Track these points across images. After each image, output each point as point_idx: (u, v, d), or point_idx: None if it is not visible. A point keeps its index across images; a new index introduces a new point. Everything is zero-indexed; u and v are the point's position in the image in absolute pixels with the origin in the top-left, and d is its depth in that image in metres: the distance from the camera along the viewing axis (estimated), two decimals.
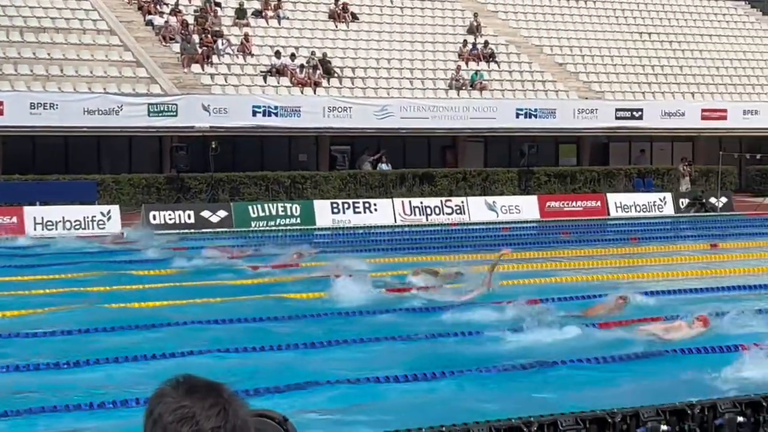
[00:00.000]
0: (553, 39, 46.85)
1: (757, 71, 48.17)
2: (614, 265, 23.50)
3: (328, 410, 11.35)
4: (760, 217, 36.51)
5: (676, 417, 8.20)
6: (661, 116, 42.53)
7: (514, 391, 12.10)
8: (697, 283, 20.26)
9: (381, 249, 26.71)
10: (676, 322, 15.26)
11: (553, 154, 43.17)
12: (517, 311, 16.03)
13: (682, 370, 12.74)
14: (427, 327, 15.74)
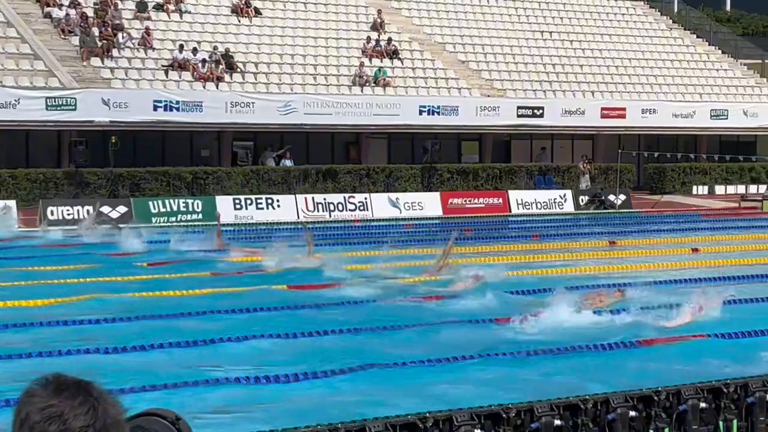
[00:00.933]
0: (456, 37, 47.12)
1: (656, 71, 49.03)
2: (515, 261, 23.69)
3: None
4: (658, 214, 37.21)
5: (569, 412, 8.28)
6: (561, 114, 43.05)
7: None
8: (595, 280, 20.51)
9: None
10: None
11: (455, 151, 43.45)
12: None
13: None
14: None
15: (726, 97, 48.31)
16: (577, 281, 20.11)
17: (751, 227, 32.21)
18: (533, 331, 15.13)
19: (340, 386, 11.99)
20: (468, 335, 14.99)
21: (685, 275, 20.64)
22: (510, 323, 15.78)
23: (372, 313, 16.65)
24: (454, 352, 13.30)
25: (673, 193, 43.56)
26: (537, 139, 44.71)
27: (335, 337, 14.71)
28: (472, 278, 19.29)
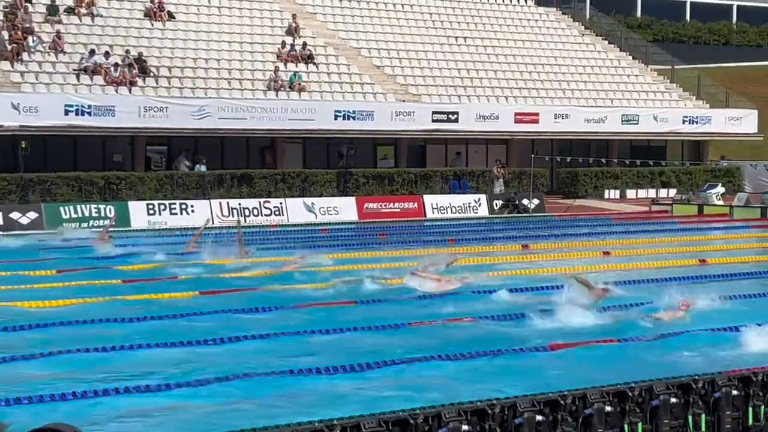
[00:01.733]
0: (371, 42, 47.25)
1: (568, 76, 49.63)
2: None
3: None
4: (571, 218, 37.66)
5: (477, 417, 8.35)
6: (476, 119, 43.38)
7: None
8: (510, 283, 20.65)
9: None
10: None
11: (371, 155, 43.53)
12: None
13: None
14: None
15: (637, 102, 49.08)
16: (491, 285, 20.25)
17: (662, 231, 32.74)
18: (458, 334, 15.21)
19: (235, 393, 11.91)
20: (387, 340, 15.02)
21: (598, 279, 20.85)
22: (431, 326, 15.85)
23: (287, 319, 16.59)
24: (361, 358, 13.30)
25: (585, 197, 44.14)
26: (452, 143, 44.99)
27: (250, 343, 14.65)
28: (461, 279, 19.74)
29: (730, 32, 72.16)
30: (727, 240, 30.60)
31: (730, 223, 36.82)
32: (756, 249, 29.07)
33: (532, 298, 18.56)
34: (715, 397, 9.74)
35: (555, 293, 18.60)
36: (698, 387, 9.73)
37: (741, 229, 34.22)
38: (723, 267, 23.39)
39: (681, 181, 46.53)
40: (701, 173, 47.33)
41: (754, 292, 19.05)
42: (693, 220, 37.28)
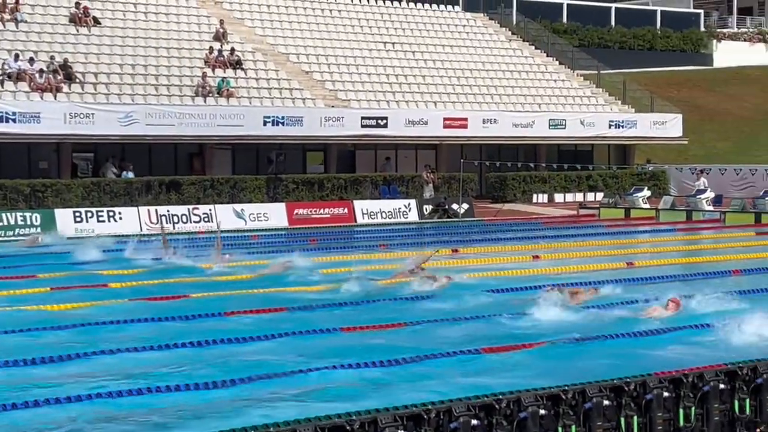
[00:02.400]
0: (299, 47, 47.15)
1: (495, 81, 49.95)
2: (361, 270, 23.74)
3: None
4: (500, 222, 37.88)
5: (413, 422, 8.34)
6: (405, 124, 43.49)
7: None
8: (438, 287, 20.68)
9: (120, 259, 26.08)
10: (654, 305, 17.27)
11: (300, 161, 43.45)
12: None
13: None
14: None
15: (564, 107, 49.54)
16: (423, 291, 20.28)
17: (590, 234, 33.07)
18: (383, 340, 15.22)
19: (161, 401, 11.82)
20: (321, 343, 14.98)
21: (527, 282, 21.01)
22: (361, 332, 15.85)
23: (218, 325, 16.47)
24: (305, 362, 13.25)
25: (514, 201, 44.44)
26: (381, 149, 45.04)
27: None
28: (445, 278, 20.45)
29: (654, 37, 73.07)
30: (654, 243, 30.96)
31: (656, 226, 37.29)
32: (682, 251, 29.47)
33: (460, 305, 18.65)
34: (646, 399, 9.84)
35: (488, 296, 18.74)
36: (630, 389, 9.82)
37: (667, 232, 34.67)
38: (651, 269, 23.66)
39: (608, 185, 47.04)
40: (628, 177, 47.90)
41: (682, 293, 19.26)
42: (620, 224, 37.70)
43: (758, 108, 64.86)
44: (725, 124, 62.46)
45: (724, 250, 28.11)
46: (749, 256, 25.61)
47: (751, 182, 46.03)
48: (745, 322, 15.10)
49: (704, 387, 10.16)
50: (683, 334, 15.65)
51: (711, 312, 17.13)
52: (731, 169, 48.00)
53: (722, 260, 25.36)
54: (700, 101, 63.99)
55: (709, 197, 39.66)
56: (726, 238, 32.34)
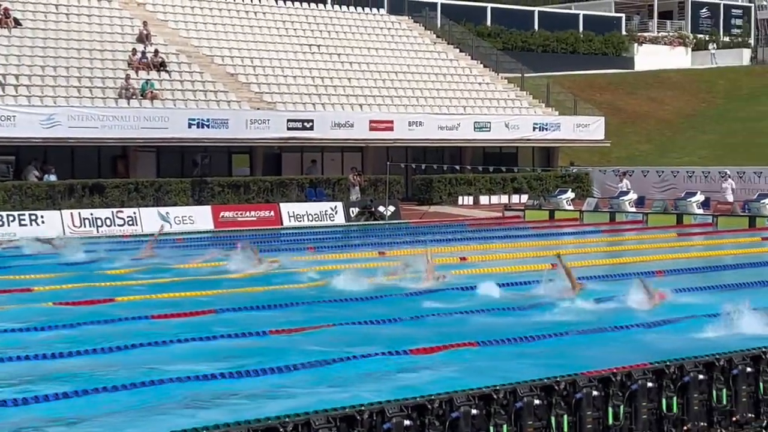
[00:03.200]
0: (224, 49, 46.90)
1: (421, 84, 50.15)
2: (286, 272, 23.68)
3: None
4: (426, 224, 38.01)
5: (346, 423, 8.33)
6: (331, 127, 43.46)
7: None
8: (369, 291, 20.71)
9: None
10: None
11: (226, 164, 43.22)
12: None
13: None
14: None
15: (489, 109, 49.86)
16: (354, 292, 20.31)
17: (515, 236, 33.33)
18: (308, 346, 15.20)
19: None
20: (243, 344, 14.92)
21: (453, 284, 21.10)
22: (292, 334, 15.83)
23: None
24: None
25: (440, 203, 44.63)
26: (307, 151, 44.97)
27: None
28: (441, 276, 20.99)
29: (576, 41, 73.92)
30: (579, 244, 31.29)
31: (580, 227, 37.70)
32: (606, 252, 29.81)
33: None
34: (576, 397, 9.93)
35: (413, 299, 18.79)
36: (560, 388, 9.91)
37: (591, 233, 35.07)
38: (574, 271, 23.85)
39: (532, 187, 47.45)
40: (552, 179, 48.36)
41: (606, 295, 19.54)
42: (545, 225, 38.07)
43: (678, 111, 65.91)
44: (647, 127, 63.37)
45: (646, 251, 28.50)
46: (671, 257, 26.01)
47: (673, 184, 46.75)
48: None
49: (632, 386, 10.28)
50: (614, 334, 15.86)
51: (636, 312, 17.40)
52: (653, 171, 48.70)
53: (645, 261, 25.69)
54: (622, 104, 64.86)
55: (632, 199, 40.20)
56: (648, 239, 32.80)
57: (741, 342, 13.37)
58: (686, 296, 19.16)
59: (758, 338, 14.00)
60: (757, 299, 18.42)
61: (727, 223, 36.31)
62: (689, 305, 18.08)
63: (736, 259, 25.93)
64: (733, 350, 11.30)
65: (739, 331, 15.37)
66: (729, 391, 10.82)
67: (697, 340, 14.94)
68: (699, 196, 38.89)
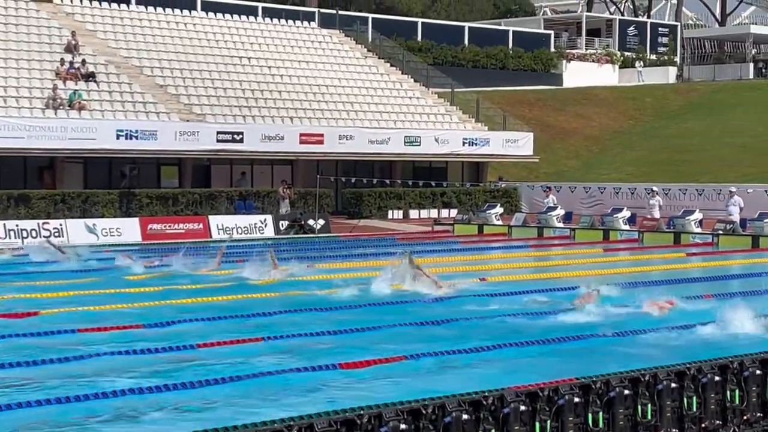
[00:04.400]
0: (153, 60, 46.58)
1: (351, 97, 50.22)
2: (219, 286, 23.57)
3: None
4: (356, 238, 38.03)
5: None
6: (261, 140, 43.34)
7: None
8: (300, 304, 20.68)
9: None
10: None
11: (155, 175, 42.89)
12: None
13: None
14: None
15: (419, 124, 50.09)
16: (280, 306, 20.27)
17: (444, 250, 33.45)
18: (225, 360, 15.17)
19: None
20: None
21: (384, 298, 21.13)
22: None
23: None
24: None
25: (370, 217, 44.69)
26: (237, 164, 44.80)
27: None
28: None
29: (506, 57, 74.56)
30: (507, 259, 31.51)
31: (509, 242, 37.98)
32: (534, 268, 30.05)
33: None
34: (504, 412, 9.99)
35: (345, 313, 18.77)
36: (488, 403, 9.96)
37: (519, 248, 35.34)
38: (502, 285, 24.05)
39: (461, 202, 47.72)
40: (481, 194, 48.67)
41: (535, 310, 19.72)
42: (473, 240, 38.28)
43: (605, 127, 66.74)
44: (574, 143, 64.09)
45: (573, 266, 28.78)
46: (597, 272, 26.28)
47: (600, 200, 47.31)
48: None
49: (559, 400, 10.36)
50: (538, 347, 16.00)
51: (569, 323, 17.60)
52: (580, 187, 49.23)
53: (572, 276, 25.93)
54: (551, 120, 65.53)
55: (560, 214, 40.57)
56: (575, 255, 33.12)
57: (667, 357, 13.56)
58: (611, 309, 19.37)
59: (681, 353, 14.21)
60: (681, 314, 18.75)
61: (653, 239, 36.81)
62: (615, 321, 18.28)
63: (660, 275, 26.26)
64: (659, 365, 11.45)
65: (665, 345, 15.61)
66: (654, 406, 10.96)
67: (624, 356, 15.13)
68: (625, 212, 39.38)
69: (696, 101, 70.83)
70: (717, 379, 11.38)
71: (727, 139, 60.64)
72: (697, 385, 11.27)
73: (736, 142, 59.94)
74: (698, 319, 17.69)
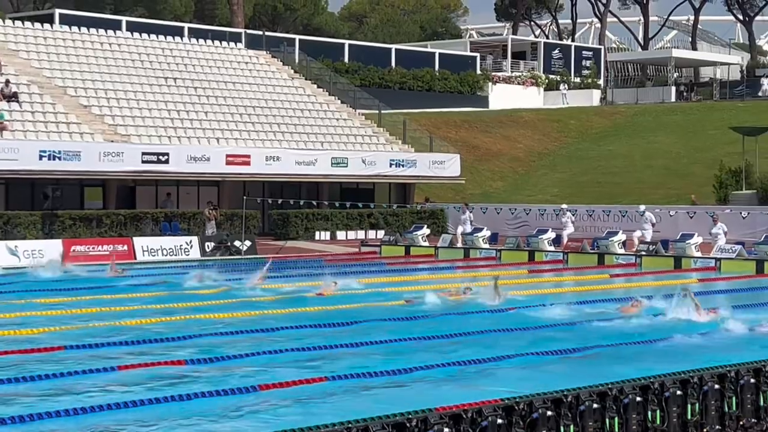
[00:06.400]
0: (77, 80, 46.12)
1: (278, 119, 50.13)
2: (149, 308, 23.35)
3: None
4: (282, 260, 37.84)
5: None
6: (187, 161, 43.07)
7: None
8: (219, 327, 20.55)
9: None
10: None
11: (78, 197, 42.41)
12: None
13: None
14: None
15: (346, 145, 50.12)
16: (205, 327, 20.14)
17: (371, 271, 33.45)
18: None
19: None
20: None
21: (305, 321, 21.05)
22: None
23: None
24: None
25: (297, 238, 44.56)
26: (162, 185, 44.46)
27: None
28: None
29: (433, 79, 74.96)
30: (433, 280, 31.57)
31: (435, 263, 38.08)
32: (461, 289, 30.10)
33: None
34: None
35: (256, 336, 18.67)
36: (412, 425, 9.96)
37: (446, 270, 35.44)
38: (426, 308, 24.07)
39: (388, 223, 47.79)
40: (408, 215, 48.79)
41: (466, 329, 19.85)
42: (400, 261, 38.33)
43: (530, 149, 67.33)
44: (500, 165, 64.55)
45: (499, 288, 28.87)
46: (523, 293, 26.46)
47: (525, 221, 47.64)
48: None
49: (483, 422, 10.40)
50: (460, 368, 16.07)
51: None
52: (506, 209, 49.55)
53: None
54: (477, 142, 65.95)
55: (486, 236, 40.78)
56: (501, 276, 33.25)
57: (591, 378, 13.66)
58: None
59: (603, 376, 14.34)
60: (603, 335, 18.97)
61: (578, 260, 37.14)
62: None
63: (582, 295, 26.48)
64: (582, 387, 11.53)
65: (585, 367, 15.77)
66: (576, 427, 11.05)
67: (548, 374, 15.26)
68: (550, 233, 39.71)
69: (619, 124, 71.77)
70: (638, 399, 11.52)
71: (650, 162, 61.50)
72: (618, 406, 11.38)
73: (658, 164, 60.81)
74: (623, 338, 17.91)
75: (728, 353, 16.41)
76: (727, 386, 12.14)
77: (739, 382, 12.25)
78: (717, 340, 18.83)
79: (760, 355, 14.47)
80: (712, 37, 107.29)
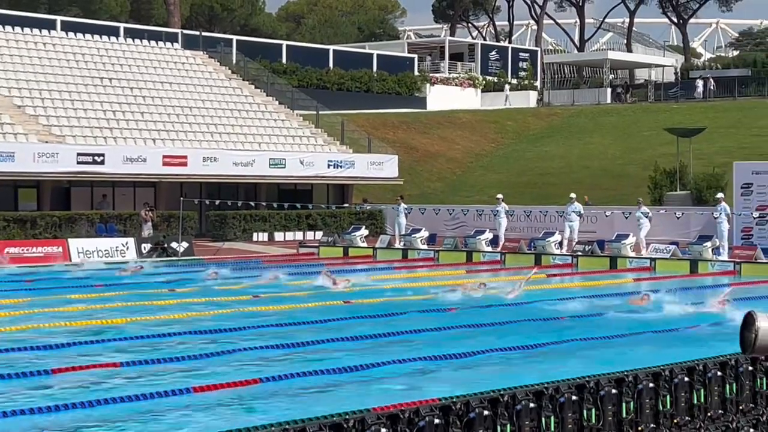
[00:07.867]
0: (11, 80, 45.55)
1: (216, 119, 49.90)
2: (75, 310, 23.09)
3: None
4: (220, 261, 37.63)
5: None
6: (123, 162, 42.72)
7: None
8: (163, 328, 20.41)
9: None
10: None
11: (12, 198, 41.88)
12: None
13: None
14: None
15: (284, 146, 50.02)
16: (142, 330, 19.97)
17: (309, 273, 33.36)
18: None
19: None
20: None
21: (243, 323, 20.95)
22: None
23: None
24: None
25: (234, 240, 44.36)
26: (98, 186, 44.05)
27: None
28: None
29: (371, 80, 75.07)
30: (373, 281, 31.57)
31: (374, 264, 38.08)
32: (398, 289, 30.16)
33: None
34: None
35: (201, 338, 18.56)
36: (349, 425, 9.93)
37: (385, 270, 35.45)
38: (366, 307, 24.10)
39: (327, 224, 47.75)
40: (346, 216, 48.78)
41: (412, 327, 19.88)
42: (339, 262, 38.25)
43: (468, 150, 67.63)
44: (438, 166, 64.77)
45: (438, 288, 28.99)
46: (461, 293, 26.56)
47: (463, 222, 47.82)
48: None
49: (420, 422, 10.39)
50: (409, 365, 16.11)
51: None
52: (444, 209, 49.70)
53: (437, 297, 26.14)
54: (415, 143, 66.13)
55: (424, 236, 40.88)
56: (440, 276, 33.37)
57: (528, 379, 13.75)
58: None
59: (548, 376, 14.44)
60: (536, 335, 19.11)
61: (515, 261, 37.34)
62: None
63: (519, 296, 26.63)
64: (518, 386, 11.58)
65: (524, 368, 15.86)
66: (513, 426, 11.08)
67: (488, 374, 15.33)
68: (488, 234, 39.88)
69: (556, 125, 72.34)
70: (574, 398, 11.59)
71: (586, 162, 62.05)
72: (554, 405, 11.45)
73: (594, 165, 61.36)
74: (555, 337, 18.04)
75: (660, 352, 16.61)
76: (662, 385, 12.26)
77: (674, 381, 12.38)
78: (648, 339, 19.05)
79: (695, 354, 14.65)
80: (647, 40, 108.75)
